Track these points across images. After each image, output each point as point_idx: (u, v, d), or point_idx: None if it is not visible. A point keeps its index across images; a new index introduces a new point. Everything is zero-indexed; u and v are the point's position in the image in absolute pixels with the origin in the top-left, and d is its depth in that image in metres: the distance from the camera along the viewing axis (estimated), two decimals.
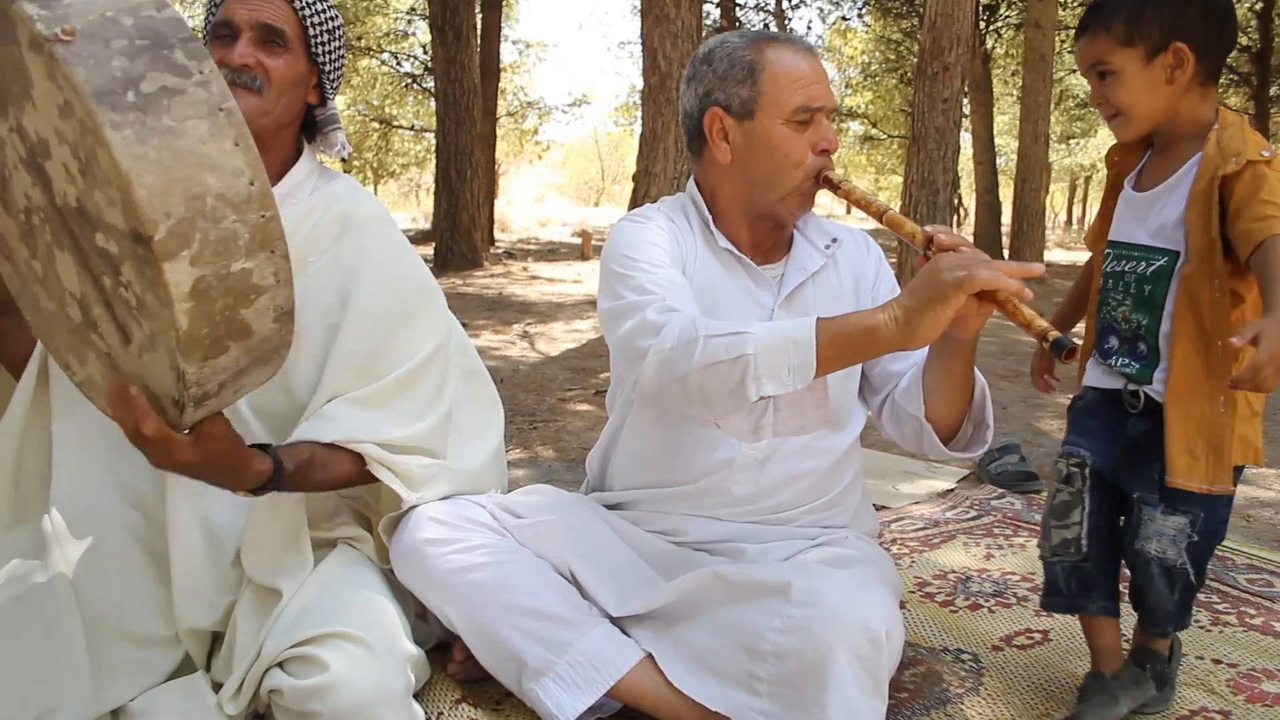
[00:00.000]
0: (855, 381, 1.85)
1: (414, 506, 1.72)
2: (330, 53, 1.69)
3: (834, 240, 1.85)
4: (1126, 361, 1.72)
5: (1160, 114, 1.66)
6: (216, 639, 1.70)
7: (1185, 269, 1.62)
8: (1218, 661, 1.97)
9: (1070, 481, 1.75)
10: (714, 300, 1.77)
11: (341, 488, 1.67)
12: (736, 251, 1.80)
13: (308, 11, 1.65)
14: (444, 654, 1.84)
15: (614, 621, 1.72)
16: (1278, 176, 1.54)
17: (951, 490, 3.31)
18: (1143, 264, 1.69)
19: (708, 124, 1.75)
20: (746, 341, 1.46)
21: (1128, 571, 1.75)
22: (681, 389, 1.52)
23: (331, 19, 1.68)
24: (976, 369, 1.68)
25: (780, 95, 1.69)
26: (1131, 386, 1.71)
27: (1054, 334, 1.32)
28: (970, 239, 1.44)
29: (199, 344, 1.09)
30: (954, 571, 2.51)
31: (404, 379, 1.69)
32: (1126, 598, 1.80)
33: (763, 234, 1.83)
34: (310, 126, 1.77)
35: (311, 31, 1.65)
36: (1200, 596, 2.27)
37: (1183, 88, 1.63)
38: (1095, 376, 1.78)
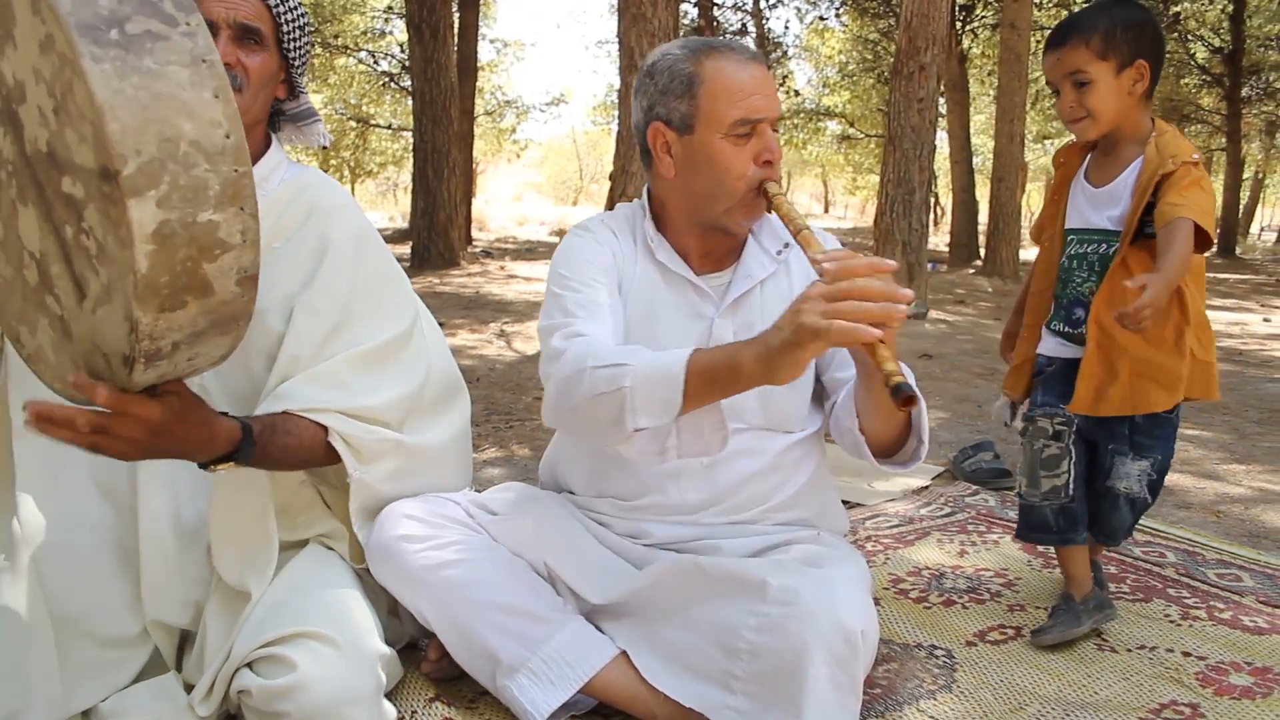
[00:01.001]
0: (805, 384, 1.82)
1: (390, 504, 1.72)
2: (300, 48, 1.72)
3: (786, 245, 1.82)
4: None
5: (1119, 120, 1.98)
6: (187, 639, 1.70)
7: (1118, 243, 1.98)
8: (1187, 654, 1.99)
9: (1059, 438, 2.07)
10: (654, 313, 1.77)
11: (309, 462, 1.65)
12: (671, 265, 1.79)
13: (282, 8, 1.67)
14: (417, 653, 1.83)
15: (589, 618, 1.73)
16: (1200, 175, 1.90)
17: (926, 487, 3.32)
18: (1104, 245, 2.02)
19: (651, 138, 1.74)
20: (625, 374, 1.47)
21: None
22: (573, 417, 1.56)
23: (301, 15, 1.71)
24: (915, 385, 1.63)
25: (718, 109, 1.66)
26: None
27: (896, 379, 1.26)
28: (890, 259, 1.32)
29: (156, 292, 1.06)
30: (928, 568, 2.52)
31: (362, 356, 1.69)
32: None
33: (713, 243, 1.80)
34: (274, 117, 1.80)
35: (285, 28, 1.68)
36: (1170, 591, 2.33)
37: (1137, 99, 1.97)
38: (1052, 347, 2.13)
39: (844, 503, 3.05)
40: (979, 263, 14.52)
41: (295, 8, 1.69)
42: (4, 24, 1.08)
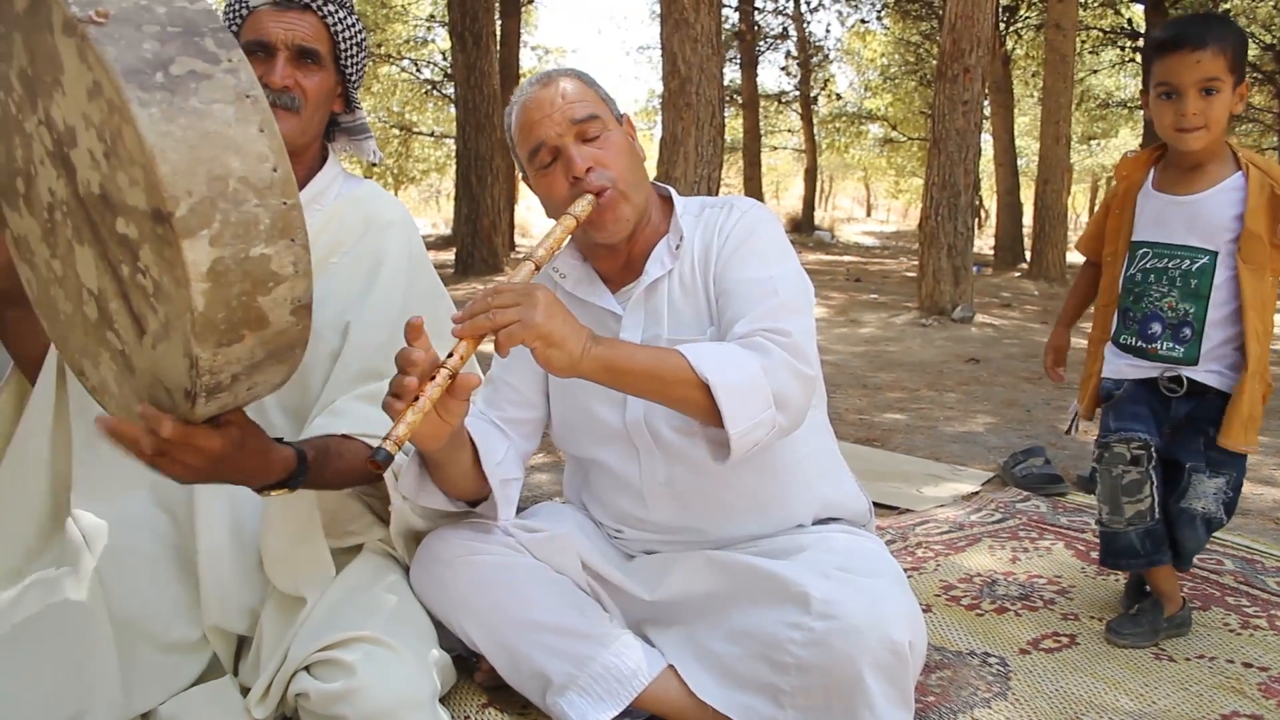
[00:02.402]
0: None
1: (432, 529, 1.77)
2: (357, 64, 1.74)
3: (681, 239, 1.75)
4: (1172, 345, 2.02)
5: (1222, 135, 1.96)
6: (244, 643, 1.71)
7: (1243, 265, 1.95)
8: (1248, 665, 1.95)
9: (1138, 463, 2.05)
10: None
11: (359, 483, 1.67)
12: (576, 292, 1.78)
13: (340, 28, 1.69)
14: (470, 660, 1.84)
15: (635, 629, 1.74)
16: None
17: (976, 493, 3.29)
18: (1186, 261, 1.99)
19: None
20: None
21: None
22: None
23: (359, 32, 1.73)
24: (711, 364, 1.48)
25: (520, 153, 1.71)
26: (1170, 373, 2.03)
27: (374, 443, 1.25)
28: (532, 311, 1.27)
29: (214, 328, 1.07)
30: (980, 574, 2.49)
31: None
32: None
33: (614, 258, 1.77)
34: (329, 128, 1.82)
35: (342, 46, 1.70)
36: (1229, 600, 2.29)
37: (1231, 117, 1.95)
38: (1119, 368, 2.11)
39: (892, 508, 3.05)
40: (1024, 265, 14.35)
41: (353, 25, 1.71)
42: (53, 70, 1.09)
